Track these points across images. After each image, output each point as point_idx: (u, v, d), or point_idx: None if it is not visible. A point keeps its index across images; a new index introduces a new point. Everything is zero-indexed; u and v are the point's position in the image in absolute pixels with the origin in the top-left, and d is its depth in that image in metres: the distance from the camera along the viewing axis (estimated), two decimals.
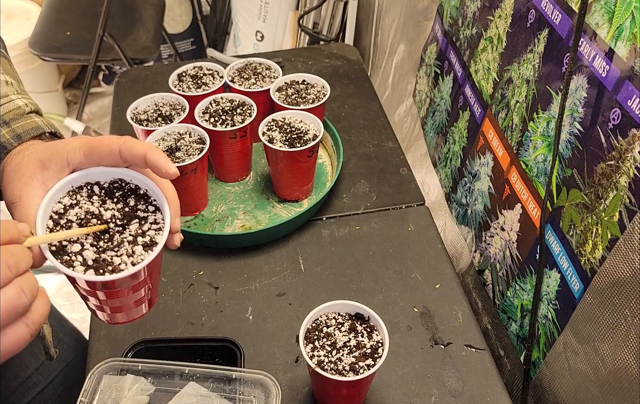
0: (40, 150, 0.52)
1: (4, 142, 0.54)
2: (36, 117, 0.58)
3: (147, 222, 0.52)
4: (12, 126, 0.55)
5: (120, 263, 0.49)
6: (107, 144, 0.51)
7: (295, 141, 0.93)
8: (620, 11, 0.61)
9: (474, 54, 0.98)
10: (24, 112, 0.58)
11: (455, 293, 0.86)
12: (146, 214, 0.53)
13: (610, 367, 0.64)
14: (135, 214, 0.52)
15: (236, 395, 0.64)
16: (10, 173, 0.52)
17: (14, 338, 0.42)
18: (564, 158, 0.71)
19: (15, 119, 0.56)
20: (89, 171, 0.53)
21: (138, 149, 0.51)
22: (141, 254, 0.50)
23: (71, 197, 0.52)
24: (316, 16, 1.92)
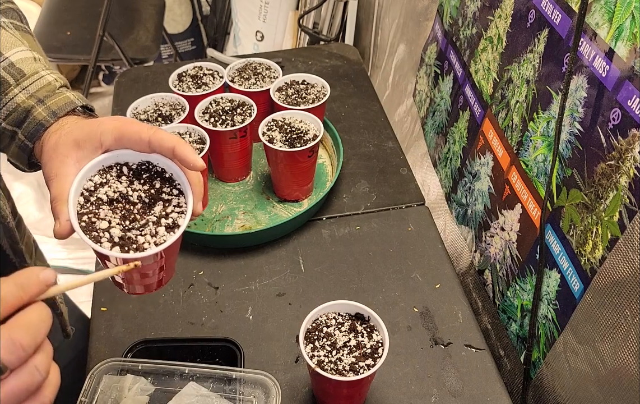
0: (76, 129, 0.55)
1: (41, 120, 0.57)
2: (67, 91, 0.60)
3: (171, 205, 0.55)
4: (46, 104, 0.58)
5: (144, 242, 0.51)
6: (137, 132, 0.54)
7: (295, 141, 0.93)
8: (620, 11, 0.61)
9: (474, 54, 0.98)
10: (55, 88, 0.60)
11: (455, 293, 0.86)
12: (170, 197, 0.55)
13: (610, 367, 0.64)
14: (160, 196, 0.55)
15: (236, 395, 0.64)
16: (49, 151, 0.55)
17: None
18: (564, 158, 0.71)
19: (48, 96, 0.58)
20: (119, 152, 0.55)
21: (167, 142, 0.53)
22: (164, 235, 0.52)
23: (101, 176, 0.55)
24: (316, 16, 1.92)
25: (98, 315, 0.83)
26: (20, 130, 0.58)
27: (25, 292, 0.42)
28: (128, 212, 0.53)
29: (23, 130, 0.58)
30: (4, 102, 0.58)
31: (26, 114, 0.58)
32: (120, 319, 0.83)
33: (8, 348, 0.39)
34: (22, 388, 0.40)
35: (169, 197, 0.55)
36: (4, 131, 0.58)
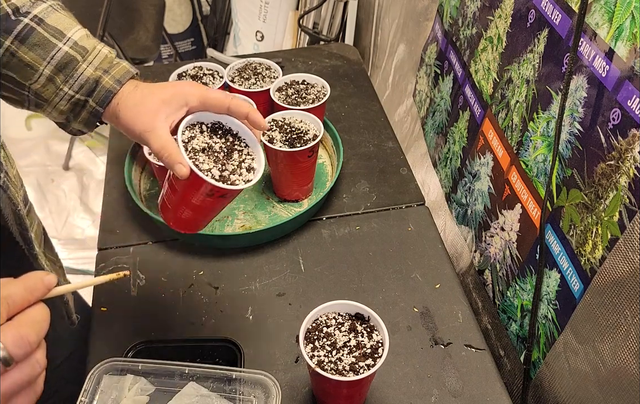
0: (157, 91, 0.66)
1: (109, 87, 0.67)
2: (122, 61, 0.70)
3: (243, 154, 0.69)
4: (111, 73, 0.68)
5: (235, 180, 0.65)
6: (219, 99, 0.67)
7: (295, 141, 0.93)
8: (620, 11, 0.61)
9: (474, 54, 0.98)
10: (112, 59, 0.69)
11: (455, 293, 0.86)
12: (242, 148, 0.69)
13: (610, 367, 0.64)
14: (234, 147, 0.69)
15: (236, 395, 0.64)
16: (132, 108, 0.65)
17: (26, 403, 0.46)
18: (564, 158, 0.71)
19: (111, 67, 0.68)
20: (198, 114, 0.68)
21: (243, 109, 0.68)
22: (247, 175, 0.66)
23: (190, 131, 0.67)
24: (316, 16, 1.92)
25: (98, 315, 0.83)
26: (91, 98, 0.67)
27: (32, 295, 0.47)
28: (217, 158, 0.66)
29: (94, 98, 0.67)
30: (76, 76, 0.67)
31: (95, 84, 0.67)
32: (120, 319, 0.83)
33: (17, 343, 0.44)
34: (25, 380, 0.45)
35: (240, 148, 0.69)
36: (77, 101, 0.68)
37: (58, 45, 0.66)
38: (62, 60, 0.66)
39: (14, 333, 0.44)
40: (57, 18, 0.67)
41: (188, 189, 0.66)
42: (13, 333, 0.44)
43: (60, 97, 0.67)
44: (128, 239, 0.93)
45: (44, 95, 0.67)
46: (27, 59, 0.65)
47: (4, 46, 0.64)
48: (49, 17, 0.66)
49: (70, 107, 0.68)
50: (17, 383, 0.44)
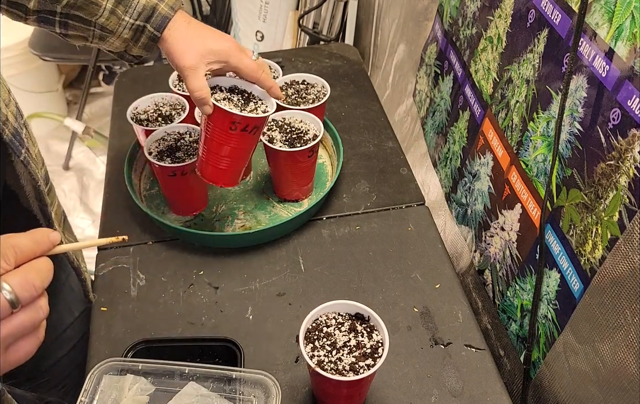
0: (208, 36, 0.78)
1: (165, 14, 0.78)
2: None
3: (257, 103, 0.83)
4: (165, 1, 0.78)
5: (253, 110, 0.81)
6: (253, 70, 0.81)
7: (295, 141, 0.93)
8: (620, 11, 0.61)
9: (474, 54, 0.98)
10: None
11: (455, 293, 0.86)
12: (256, 100, 0.84)
13: (610, 367, 0.64)
14: (250, 100, 0.83)
15: (236, 395, 0.64)
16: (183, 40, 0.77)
17: (27, 349, 0.49)
18: (564, 158, 0.71)
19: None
20: (218, 78, 0.83)
21: (268, 83, 0.83)
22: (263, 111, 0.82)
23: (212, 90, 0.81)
24: (316, 16, 1.92)
25: (98, 315, 0.83)
26: (149, 24, 0.77)
27: (39, 247, 0.51)
28: (236, 105, 0.81)
29: (152, 23, 0.77)
30: (134, 5, 0.76)
31: (152, 10, 0.77)
32: (120, 319, 0.83)
33: (23, 286, 0.47)
34: (29, 323, 0.48)
35: (255, 100, 0.84)
36: (137, 27, 0.77)
37: None
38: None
39: (20, 277, 0.47)
40: None
41: (216, 131, 0.79)
42: (20, 277, 0.47)
43: (123, 26, 0.77)
44: (128, 239, 0.93)
45: (108, 27, 0.77)
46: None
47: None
48: None
49: (131, 34, 0.78)
50: (23, 324, 0.47)
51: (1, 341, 0.46)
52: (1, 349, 0.47)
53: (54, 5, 0.73)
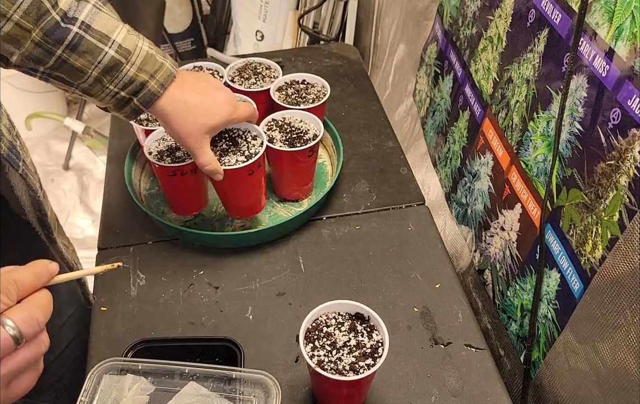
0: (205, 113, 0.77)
1: (154, 92, 0.74)
2: (165, 61, 0.75)
3: (243, 135, 0.88)
4: (156, 78, 0.73)
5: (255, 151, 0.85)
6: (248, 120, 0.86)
7: (295, 141, 0.93)
8: (620, 11, 0.61)
9: (474, 54, 0.98)
10: (155, 60, 0.74)
11: (455, 293, 0.86)
12: (237, 133, 0.88)
13: (610, 367, 0.64)
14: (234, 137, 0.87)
15: (236, 395, 0.64)
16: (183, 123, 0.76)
17: (28, 382, 0.50)
18: (564, 158, 0.71)
19: (156, 71, 0.73)
20: None
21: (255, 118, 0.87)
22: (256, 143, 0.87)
23: None
24: (316, 16, 1.92)
25: (98, 315, 0.83)
26: (136, 98, 0.73)
27: (39, 280, 0.51)
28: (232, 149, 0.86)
29: (139, 99, 0.73)
30: (120, 77, 0.71)
31: (141, 86, 0.73)
32: (120, 319, 0.83)
33: (27, 322, 0.47)
34: (31, 358, 0.48)
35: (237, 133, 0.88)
36: (122, 98, 0.73)
37: (104, 49, 0.70)
38: (109, 64, 0.70)
39: (24, 314, 0.48)
40: (101, 20, 0.70)
41: (231, 184, 0.84)
42: (24, 313, 0.48)
43: (106, 93, 0.73)
44: (128, 239, 0.93)
45: (90, 92, 0.73)
46: (78, 65, 0.70)
47: (56, 55, 0.68)
48: (94, 22, 0.69)
49: (114, 101, 0.74)
50: (26, 359, 0.48)
51: (4, 377, 0.47)
52: (3, 385, 0.47)
53: (36, 65, 0.69)
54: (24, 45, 0.67)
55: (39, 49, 0.68)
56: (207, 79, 0.81)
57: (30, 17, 0.66)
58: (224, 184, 0.83)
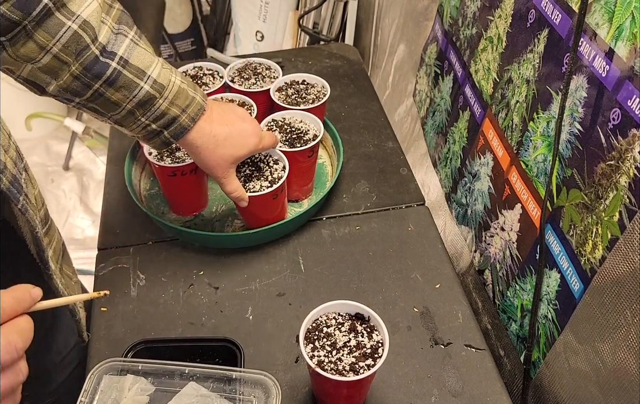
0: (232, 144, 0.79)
1: (185, 126, 0.75)
2: (195, 95, 0.76)
3: (264, 160, 0.91)
4: (187, 112, 0.75)
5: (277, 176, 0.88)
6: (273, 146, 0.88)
7: (296, 141, 0.93)
8: (620, 11, 0.61)
9: (474, 54, 0.98)
10: (187, 95, 0.75)
11: (455, 293, 0.86)
12: (259, 158, 0.91)
13: (610, 367, 0.64)
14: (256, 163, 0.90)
15: (236, 395, 0.64)
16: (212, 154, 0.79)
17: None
18: (564, 158, 0.71)
19: (188, 106, 0.75)
20: None
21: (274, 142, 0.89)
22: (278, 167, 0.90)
23: None
24: (316, 16, 1.91)
25: (98, 315, 0.83)
26: (166, 131, 0.75)
27: (20, 305, 0.49)
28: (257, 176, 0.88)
29: (169, 132, 0.75)
30: (153, 111, 0.73)
31: (173, 120, 0.74)
32: (120, 319, 0.83)
33: (5, 348, 0.45)
34: (9, 386, 0.46)
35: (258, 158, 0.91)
36: (153, 130, 0.74)
37: (140, 84, 0.71)
38: (143, 98, 0.71)
39: (2, 340, 0.45)
40: (138, 55, 0.71)
41: (263, 206, 0.87)
42: (2, 339, 0.45)
43: (137, 125, 0.74)
44: (128, 239, 0.93)
45: (122, 123, 0.74)
46: (114, 99, 0.71)
47: (93, 88, 0.69)
48: (132, 57, 0.70)
49: (144, 133, 0.75)
50: (5, 387, 0.46)
51: None
52: None
53: (73, 97, 0.70)
54: (62, 77, 0.67)
55: (77, 82, 0.68)
56: (234, 110, 0.83)
57: (69, 51, 0.65)
58: (249, 208, 0.85)
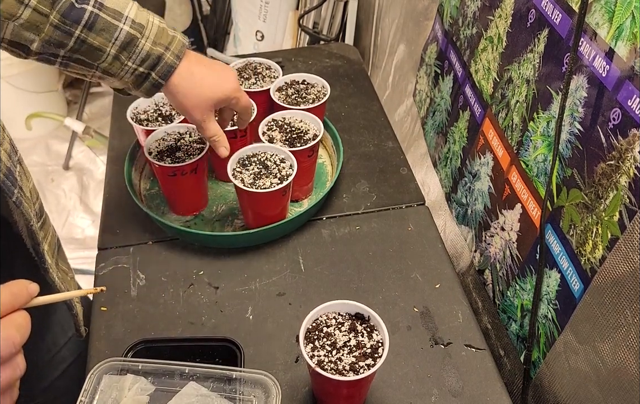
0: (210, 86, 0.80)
1: (170, 63, 0.76)
2: (176, 34, 0.78)
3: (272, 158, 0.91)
4: (171, 49, 0.76)
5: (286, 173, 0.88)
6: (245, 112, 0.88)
7: (295, 141, 0.93)
8: (620, 11, 0.61)
9: (474, 54, 0.98)
10: (167, 33, 0.76)
11: (455, 293, 0.86)
12: (266, 156, 0.91)
13: (610, 367, 0.64)
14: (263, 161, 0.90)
15: (236, 395, 0.64)
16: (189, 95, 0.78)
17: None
18: (564, 158, 0.71)
19: (170, 43, 0.76)
20: None
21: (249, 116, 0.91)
22: (285, 165, 0.89)
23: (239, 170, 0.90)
24: (316, 16, 1.92)
25: (98, 315, 0.83)
26: (154, 72, 0.75)
27: (17, 300, 0.49)
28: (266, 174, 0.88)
29: (157, 72, 0.76)
30: (137, 52, 0.74)
31: (158, 59, 0.75)
32: (120, 319, 0.83)
33: (5, 343, 0.45)
34: (8, 380, 0.47)
35: (265, 156, 0.90)
36: (141, 74, 0.75)
37: (119, 25, 0.72)
38: (125, 39, 0.73)
39: (2, 334, 0.46)
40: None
41: (271, 203, 0.88)
42: (3, 334, 0.46)
43: (125, 71, 0.75)
44: (128, 239, 0.93)
45: (110, 71, 0.75)
46: (96, 44, 0.72)
47: (74, 35, 0.71)
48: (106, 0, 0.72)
49: (134, 78, 0.76)
50: (3, 382, 0.46)
51: None
52: None
53: (57, 50, 0.72)
54: (43, 30, 0.69)
55: (58, 31, 0.70)
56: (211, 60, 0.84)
57: (46, 2, 0.68)
58: (258, 204, 0.87)
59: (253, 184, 0.86)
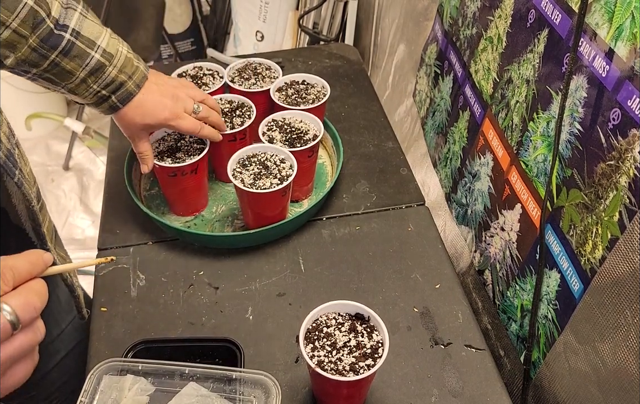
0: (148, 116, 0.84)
1: (131, 91, 0.82)
2: (139, 64, 0.83)
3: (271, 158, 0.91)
4: (133, 79, 0.81)
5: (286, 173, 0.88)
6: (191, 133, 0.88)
7: (295, 141, 0.93)
8: (620, 11, 0.61)
9: (474, 54, 0.98)
10: (132, 63, 0.82)
11: (455, 293, 0.86)
12: (265, 156, 0.91)
13: (610, 367, 0.64)
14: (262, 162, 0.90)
15: (236, 395, 0.64)
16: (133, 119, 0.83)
17: (24, 372, 0.50)
18: (564, 158, 0.71)
19: (133, 73, 0.81)
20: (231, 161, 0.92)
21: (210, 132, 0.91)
22: (285, 165, 0.89)
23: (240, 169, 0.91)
24: (316, 16, 1.92)
25: (98, 315, 0.83)
26: (114, 95, 0.81)
27: (34, 269, 0.51)
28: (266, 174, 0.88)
29: (117, 96, 0.81)
30: (104, 78, 0.79)
31: (120, 85, 0.80)
32: (120, 319, 0.83)
33: (24, 307, 0.47)
34: (27, 344, 0.48)
35: (264, 157, 0.91)
36: (102, 95, 0.80)
37: (92, 53, 0.77)
38: (95, 66, 0.78)
39: (22, 299, 0.48)
40: (88, 27, 0.77)
41: (271, 203, 0.88)
42: (21, 299, 0.48)
43: (89, 92, 0.79)
44: (128, 239, 0.93)
45: (75, 91, 0.79)
46: (68, 68, 0.76)
47: (49, 59, 0.74)
48: (82, 28, 0.76)
49: (95, 99, 0.81)
50: (22, 346, 0.48)
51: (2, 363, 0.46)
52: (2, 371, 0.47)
53: (30, 68, 0.75)
54: (20, 50, 0.72)
55: (34, 53, 0.73)
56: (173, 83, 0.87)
57: (27, 25, 0.71)
58: (258, 204, 0.87)
59: (253, 184, 0.86)
